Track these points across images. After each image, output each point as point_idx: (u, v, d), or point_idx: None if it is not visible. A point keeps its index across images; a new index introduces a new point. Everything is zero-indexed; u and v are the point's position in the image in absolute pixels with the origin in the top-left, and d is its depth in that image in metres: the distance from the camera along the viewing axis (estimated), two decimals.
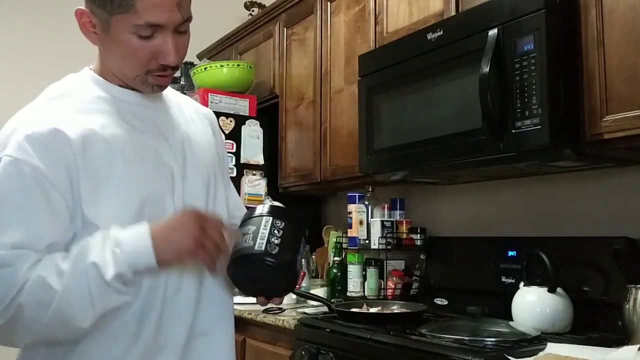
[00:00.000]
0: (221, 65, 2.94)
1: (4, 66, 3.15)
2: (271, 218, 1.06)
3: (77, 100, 1.10)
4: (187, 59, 3.85)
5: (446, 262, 2.24)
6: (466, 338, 1.53)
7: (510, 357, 1.35)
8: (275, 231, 1.04)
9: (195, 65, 3.15)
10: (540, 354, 1.39)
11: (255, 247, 1.02)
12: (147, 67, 1.08)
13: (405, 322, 1.79)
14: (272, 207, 1.10)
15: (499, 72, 1.61)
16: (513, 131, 1.58)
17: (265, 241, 1.03)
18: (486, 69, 1.59)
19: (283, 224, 1.06)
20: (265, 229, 1.04)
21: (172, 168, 1.13)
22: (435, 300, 2.18)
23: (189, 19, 1.10)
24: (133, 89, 1.14)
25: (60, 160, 1.00)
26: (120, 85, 1.14)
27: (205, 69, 2.95)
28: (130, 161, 1.07)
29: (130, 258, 0.98)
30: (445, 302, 2.16)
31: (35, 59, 3.19)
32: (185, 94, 2.02)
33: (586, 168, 1.85)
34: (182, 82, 3.39)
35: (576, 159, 1.68)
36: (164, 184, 1.11)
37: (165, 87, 1.17)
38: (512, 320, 1.71)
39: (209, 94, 2.87)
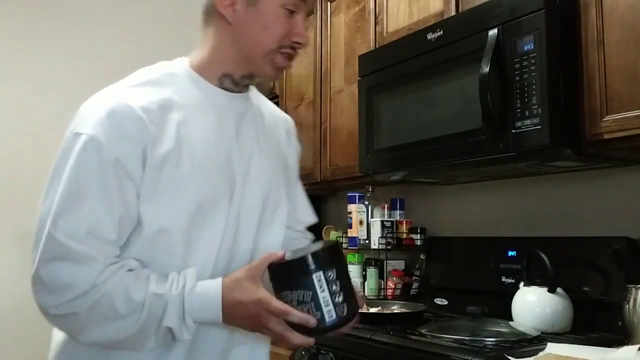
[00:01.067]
0: None
1: (4, 66, 3.15)
2: (321, 273, 0.93)
3: (163, 91, 1.07)
4: None
5: (446, 262, 2.24)
6: (466, 338, 1.53)
7: (510, 357, 1.35)
8: (334, 287, 0.93)
9: None
10: (540, 354, 1.39)
11: (327, 320, 0.92)
12: (281, 42, 1.11)
13: (405, 322, 1.79)
14: (312, 256, 0.94)
15: (499, 72, 1.60)
16: (513, 131, 1.58)
17: (332, 307, 0.93)
18: (486, 69, 1.59)
19: (335, 271, 0.94)
20: (324, 291, 0.92)
21: (236, 175, 1.11)
22: (435, 300, 2.18)
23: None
24: (226, 90, 1.14)
25: (137, 149, 0.99)
26: (221, 83, 1.14)
27: None
28: (196, 163, 1.05)
29: (199, 316, 0.99)
30: (445, 302, 2.16)
31: (34, 59, 3.20)
32: None
33: (586, 168, 1.85)
34: None
35: (576, 159, 1.68)
36: (224, 191, 1.09)
37: (282, 69, 1.17)
38: (512, 320, 1.71)
39: None
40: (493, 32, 1.63)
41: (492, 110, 1.60)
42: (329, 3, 2.58)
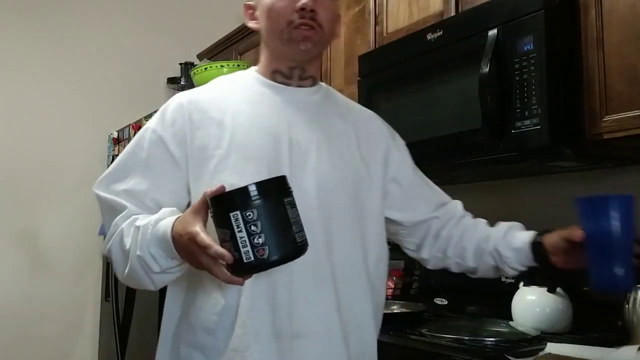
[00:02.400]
0: (221, 66, 2.94)
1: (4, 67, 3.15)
2: (239, 213, 0.88)
3: (223, 89, 1.21)
4: (187, 59, 3.85)
5: None
6: (466, 338, 1.53)
7: (510, 357, 1.36)
8: (252, 227, 0.88)
9: (196, 65, 3.15)
10: (540, 353, 1.39)
11: (245, 260, 0.88)
12: (289, 18, 1.14)
13: (405, 322, 1.79)
14: (231, 194, 0.91)
15: (498, 72, 1.61)
16: (513, 131, 1.58)
17: (249, 248, 0.88)
18: (486, 69, 1.59)
19: (255, 212, 0.88)
20: (241, 231, 0.88)
21: (282, 160, 1.12)
22: (435, 300, 2.18)
23: None
24: (283, 84, 1.21)
25: (180, 133, 1.13)
26: (275, 79, 1.21)
27: (205, 69, 2.95)
28: (236, 144, 1.11)
29: (159, 246, 1.01)
30: (445, 302, 2.16)
31: (36, 59, 3.20)
32: None
33: (586, 168, 1.85)
34: (182, 83, 3.39)
35: (576, 159, 1.68)
36: (264, 173, 1.08)
37: (311, 45, 1.17)
38: (512, 320, 1.71)
39: None
40: (493, 32, 1.63)
41: (492, 111, 1.60)
42: None
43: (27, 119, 3.15)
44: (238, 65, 2.97)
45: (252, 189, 0.90)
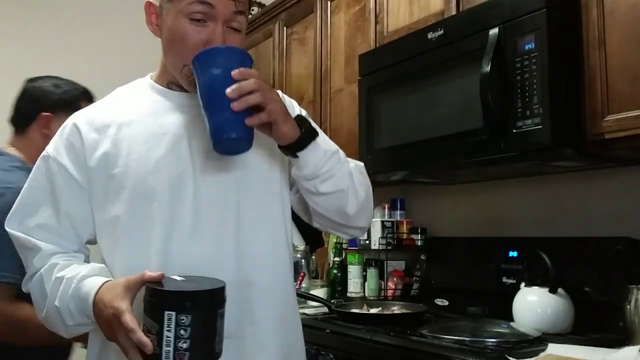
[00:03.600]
0: None
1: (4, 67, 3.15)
2: (174, 314, 0.87)
3: (119, 103, 1.16)
4: None
5: (447, 262, 2.23)
6: (467, 339, 1.53)
7: (511, 358, 1.35)
8: (182, 332, 0.87)
9: None
10: (541, 354, 1.39)
11: (162, 358, 0.87)
12: (192, 57, 1.04)
13: (405, 323, 1.79)
14: (172, 295, 0.90)
15: (499, 71, 1.60)
16: (514, 131, 1.57)
17: (172, 349, 0.87)
18: (487, 69, 1.59)
19: (190, 318, 0.87)
20: (170, 331, 0.87)
21: (184, 165, 1.09)
22: (435, 300, 2.18)
23: (243, 13, 1.09)
24: (181, 90, 1.14)
25: (80, 157, 1.09)
26: (170, 88, 1.15)
27: None
28: (132, 159, 1.08)
29: (78, 305, 1.01)
30: (446, 303, 2.15)
31: (34, 59, 3.19)
32: None
33: (587, 168, 1.85)
34: None
35: (577, 159, 1.67)
36: (165, 183, 1.08)
37: None
38: (513, 320, 1.70)
39: None
40: (494, 31, 1.62)
41: (493, 110, 1.59)
42: (329, 2, 2.57)
43: None
44: None
45: (196, 296, 0.90)
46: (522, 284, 1.77)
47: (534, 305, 1.69)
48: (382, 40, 2.21)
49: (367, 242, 2.38)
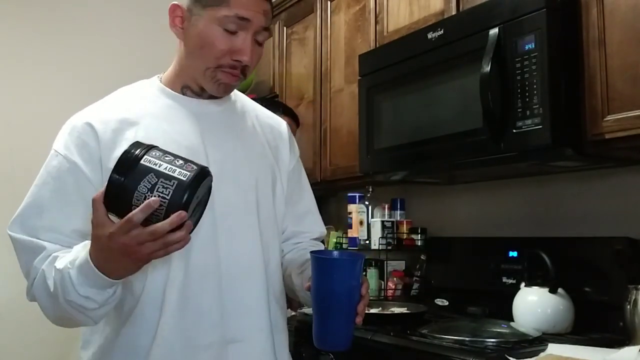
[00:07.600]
0: None
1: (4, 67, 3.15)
2: (146, 155, 0.91)
3: (129, 104, 1.17)
4: None
5: (447, 262, 2.23)
6: (467, 339, 1.53)
7: (511, 358, 1.35)
8: (167, 157, 0.92)
9: None
10: (541, 354, 1.39)
11: (184, 178, 0.89)
12: (220, 61, 1.12)
13: (405, 323, 1.79)
14: (129, 148, 0.92)
15: (499, 71, 1.60)
16: (514, 131, 1.57)
17: (178, 169, 0.90)
18: (487, 69, 1.58)
19: (157, 149, 0.93)
20: (162, 165, 0.90)
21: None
22: (435, 301, 2.18)
23: (268, 29, 1.16)
24: (195, 96, 1.18)
25: (95, 156, 1.09)
26: (184, 93, 1.18)
27: None
28: None
29: (86, 283, 0.98)
30: (446, 303, 2.15)
31: (33, 59, 3.19)
32: None
33: (587, 168, 1.85)
34: None
35: (577, 159, 1.67)
36: None
37: (230, 89, 1.20)
38: (513, 321, 1.70)
39: None
40: (494, 31, 1.62)
41: (492, 110, 1.59)
42: (329, 2, 2.57)
43: (26, 119, 3.14)
44: None
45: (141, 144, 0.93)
46: (522, 284, 1.77)
47: (534, 305, 1.69)
48: (382, 40, 2.21)
49: (367, 242, 2.38)
